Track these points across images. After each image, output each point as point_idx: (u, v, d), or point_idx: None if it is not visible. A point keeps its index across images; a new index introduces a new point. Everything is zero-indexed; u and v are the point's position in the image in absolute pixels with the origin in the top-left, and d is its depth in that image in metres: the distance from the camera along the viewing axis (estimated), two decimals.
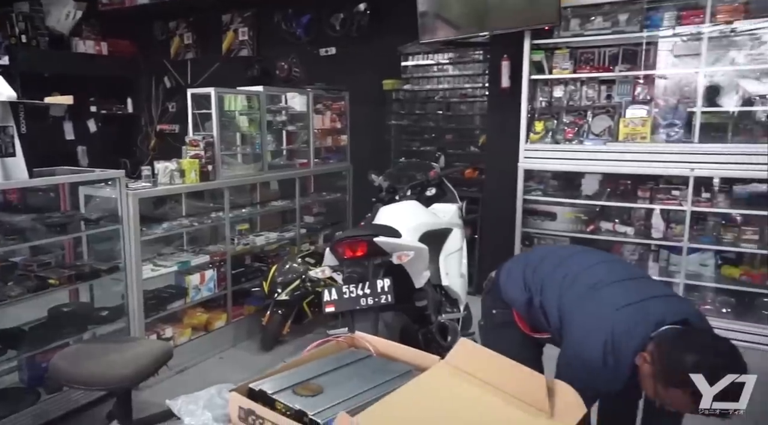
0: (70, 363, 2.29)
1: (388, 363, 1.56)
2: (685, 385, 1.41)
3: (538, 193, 4.03)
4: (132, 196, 2.93)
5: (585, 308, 1.70)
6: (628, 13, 3.54)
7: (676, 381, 1.44)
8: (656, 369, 1.48)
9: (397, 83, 4.92)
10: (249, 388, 1.39)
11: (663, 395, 1.49)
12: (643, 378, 1.54)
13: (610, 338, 1.57)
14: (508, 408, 1.33)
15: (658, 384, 1.49)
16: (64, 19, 5.55)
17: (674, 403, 1.49)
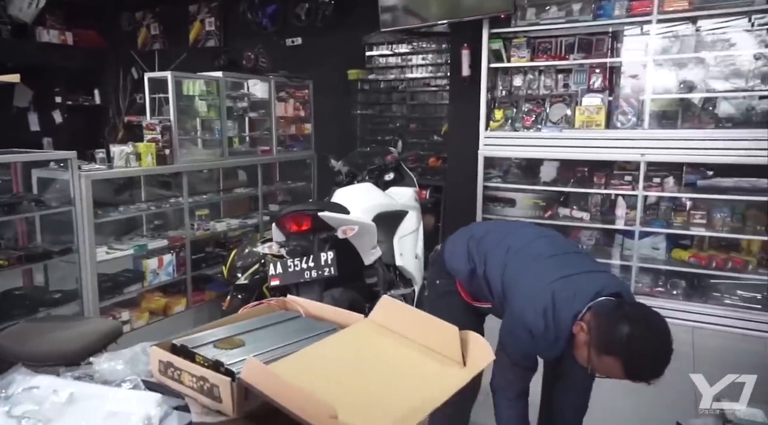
0: (16, 341, 2.29)
1: (315, 322, 1.60)
2: (618, 353, 1.48)
3: (498, 180, 4.08)
4: (84, 177, 2.93)
5: (527, 278, 1.77)
6: (581, 3, 3.62)
7: (610, 350, 1.50)
8: (591, 336, 1.55)
9: (361, 73, 4.97)
10: (171, 344, 1.41)
11: (596, 363, 1.55)
12: (578, 347, 1.60)
13: (551, 305, 1.64)
14: (424, 359, 1.37)
15: (592, 351, 1.55)
16: (27, 8, 5.49)
17: (606, 370, 1.55)
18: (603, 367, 1.55)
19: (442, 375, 1.32)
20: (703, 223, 3.56)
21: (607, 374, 1.57)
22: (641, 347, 1.47)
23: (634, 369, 1.50)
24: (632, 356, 1.48)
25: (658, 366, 1.49)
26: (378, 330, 1.48)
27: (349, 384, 1.26)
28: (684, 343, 3.17)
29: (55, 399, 0.99)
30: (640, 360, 1.49)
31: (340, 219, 2.46)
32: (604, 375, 1.59)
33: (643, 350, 1.48)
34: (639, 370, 1.50)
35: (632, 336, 1.47)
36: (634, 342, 1.47)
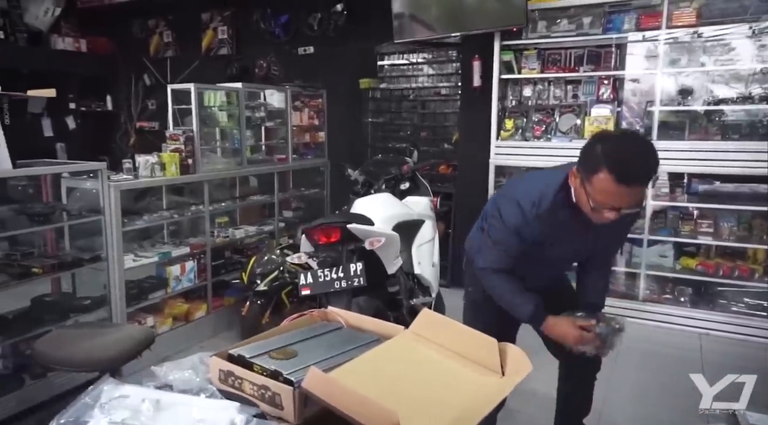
0: (53, 347, 2.36)
1: (357, 333, 1.69)
2: (601, 165, 1.52)
3: None
4: (114, 188, 3.02)
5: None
6: (592, 16, 3.73)
7: (594, 168, 1.54)
8: (580, 170, 1.60)
9: (373, 82, 5.06)
10: (228, 353, 1.50)
11: (593, 192, 1.57)
12: (577, 194, 1.65)
13: (526, 195, 1.76)
14: (464, 369, 1.47)
15: (586, 186, 1.58)
16: (42, 16, 5.58)
17: (603, 195, 1.55)
18: (599, 194, 1.56)
19: (486, 385, 1.42)
20: (710, 232, 3.67)
21: (605, 200, 1.56)
22: (617, 149, 1.54)
23: (621, 172, 1.51)
24: (614, 159, 1.51)
25: (642, 160, 1.54)
26: (420, 341, 1.58)
27: (401, 392, 1.36)
28: (692, 349, 3.29)
29: (146, 406, 1.08)
30: (622, 160, 1.51)
31: (367, 231, 2.56)
32: (605, 205, 1.57)
33: (621, 150, 1.54)
34: (626, 170, 1.51)
35: (606, 146, 1.55)
36: (610, 150, 1.54)
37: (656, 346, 3.37)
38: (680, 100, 3.68)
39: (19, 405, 2.68)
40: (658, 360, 3.20)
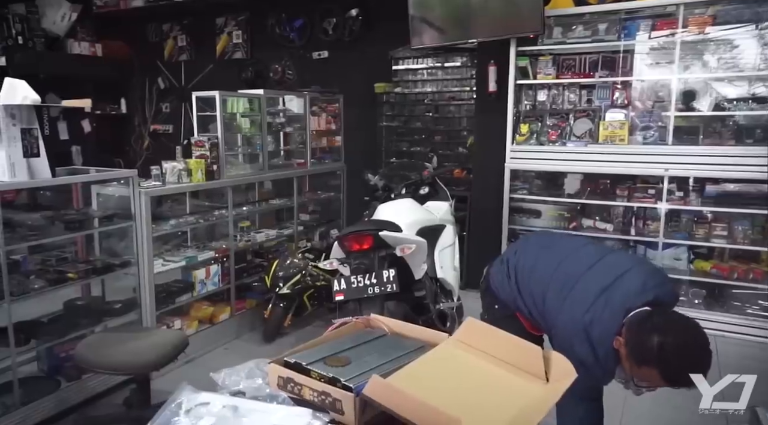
0: (95, 351, 2.44)
1: (402, 340, 1.75)
2: (653, 363, 1.56)
3: (523, 192, 4.26)
4: (144, 194, 3.08)
5: (562, 314, 1.84)
6: (607, 23, 3.80)
7: (645, 360, 1.59)
8: (628, 350, 1.64)
9: (387, 86, 5.13)
10: (284, 360, 1.57)
11: (637, 373, 1.66)
12: (622, 360, 1.70)
13: (591, 335, 1.74)
14: (509, 376, 1.53)
15: (632, 364, 1.64)
16: (60, 21, 5.63)
17: (648, 380, 1.65)
18: (644, 377, 1.63)
19: (534, 391, 1.48)
20: (724, 235, 3.74)
21: (649, 383, 1.66)
22: (673, 354, 1.53)
23: (671, 376, 1.56)
24: (667, 363, 1.54)
25: (695, 369, 1.52)
26: (466, 349, 1.64)
27: (455, 400, 1.42)
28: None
29: (227, 413, 1.15)
30: (675, 366, 1.54)
31: (398, 238, 2.63)
32: (649, 385, 1.68)
33: (676, 356, 1.53)
34: (677, 376, 1.55)
35: (662, 345, 1.53)
36: (665, 349, 1.53)
37: None
38: (694, 105, 3.75)
39: (57, 407, 2.75)
40: None
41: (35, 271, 2.83)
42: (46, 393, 2.73)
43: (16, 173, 2.49)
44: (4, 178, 2.47)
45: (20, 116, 2.50)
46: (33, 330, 2.77)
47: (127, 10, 5.88)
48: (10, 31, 5.19)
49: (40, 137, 2.57)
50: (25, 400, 2.62)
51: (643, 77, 3.93)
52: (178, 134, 6.30)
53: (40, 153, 2.57)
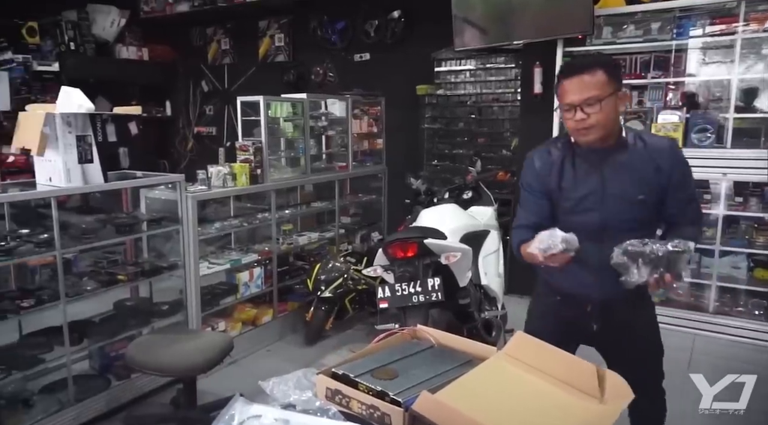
0: (144, 352, 2.49)
1: (450, 352, 1.72)
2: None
3: None
4: (191, 198, 3.13)
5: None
6: (661, 21, 3.65)
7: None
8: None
9: (429, 88, 5.08)
10: (332, 371, 1.56)
11: (560, 106, 1.71)
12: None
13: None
14: (562, 393, 1.47)
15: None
16: (109, 27, 5.81)
17: (560, 97, 1.70)
18: (559, 97, 1.71)
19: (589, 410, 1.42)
20: None
21: (561, 100, 1.70)
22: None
23: (563, 69, 1.76)
24: (563, 64, 1.77)
25: (582, 58, 1.81)
26: (516, 364, 1.58)
27: (508, 417, 1.38)
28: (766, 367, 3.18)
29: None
30: (568, 62, 1.80)
31: (444, 246, 2.59)
32: (563, 106, 1.70)
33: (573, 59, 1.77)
34: (567, 65, 1.81)
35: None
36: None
37: (728, 361, 3.28)
38: (756, 105, 3.56)
39: (108, 404, 2.82)
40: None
41: (88, 273, 2.92)
42: (98, 391, 2.81)
43: (72, 178, 2.56)
44: (61, 183, 2.55)
45: (75, 123, 2.57)
46: (85, 329, 2.85)
47: (173, 15, 6.01)
48: (63, 38, 5.38)
49: (93, 143, 2.64)
50: (78, 397, 2.70)
51: (700, 77, 3.75)
52: (221, 136, 6.41)
53: (93, 159, 2.64)
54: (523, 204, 1.85)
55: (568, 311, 1.89)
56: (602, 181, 1.70)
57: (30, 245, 2.52)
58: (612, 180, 1.69)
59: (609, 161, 1.69)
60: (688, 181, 1.77)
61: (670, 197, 1.72)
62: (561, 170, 1.74)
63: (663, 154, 1.70)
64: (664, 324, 3.77)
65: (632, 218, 1.71)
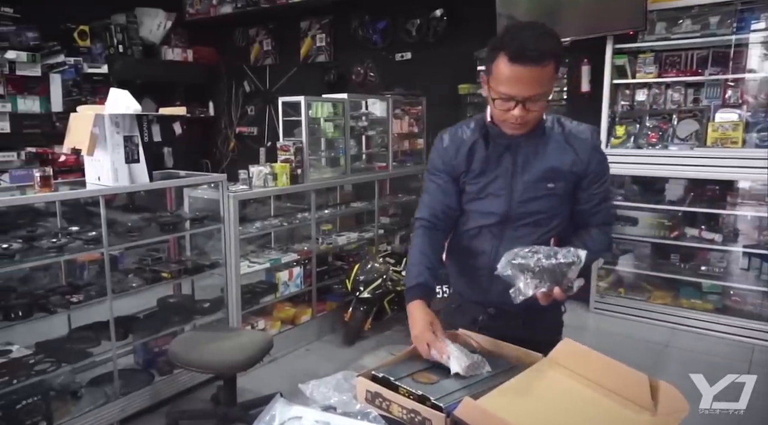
0: (186, 349, 2.53)
1: (493, 358, 1.66)
2: (499, 49, 1.37)
3: (618, 197, 4.00)
4: (232, 197, 3.16)
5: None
6: (720, 15, 3.47)
7: (494, 54, 1.39)
8: (486, 70, 1.46)
9: (472, 87, 4.98)
10: (372, 374, 1.52)
11: (494, 88, 1.42)
12: (489, 102, 1.49)
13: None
14: (611, 404, 1.39)
15: (490, 80, 1.43)
16: (156, 29, 5.96)
17: (501, 83, 1.39)
18: (499, 83, 1.39)
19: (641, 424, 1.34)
20: None
21: (504, 89, 1.39)
22: (514, 32, 1.39)
23: (514, 50, 1.35)
24: (509, 40, 1.37)
25: (536, 39, 1.35)
26: (562, 372, 1.51)
27: None
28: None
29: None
30: (516, 39, 1.36)
31: None
32: (505, 95, 1.39)
33: (517, 32, 1.38)
34: (519, 47, 1.35)
35: (504, 32, 1.41)
36: (507, 33, 1.39)
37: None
38: None
39: (152, 398, 2.88)
40: None
41: (133, 270, 2.98)
42: (142, 385, 2.87)
43: (119, 177, 2.62)
44: (109, 182, 2.61)
45: (123, 124, 2.63)
46: (130, 325, 2.91)
47: (217, 16, 6.11)
48: (112, 40, 5.55)
49: (140, 143, 2.69)
50: (123, 391, 2.76)
51: (762, 73, 3.55)
52: (262, 136, 6.49)
53: (140, 159, 2.69)
54: (428, 190, 1.65)
55: (459, 319, 1.74)
56: (513, 165, 1.54)
57: (79, 242, 2.59)
58: (524, 165, 1.54)
59: (524, 145, 1.53)
60: (605, 175, 1.60)
61: (584, 191, 1.57)
62: (472, 150, 1.57)
63: (583, 142, 1.54)
64: (720, 333, 3.62)
65: (537, 210, 1.55)
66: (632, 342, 3.70)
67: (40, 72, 4.73)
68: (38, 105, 4.77)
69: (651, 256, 4.05)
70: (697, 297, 3.82)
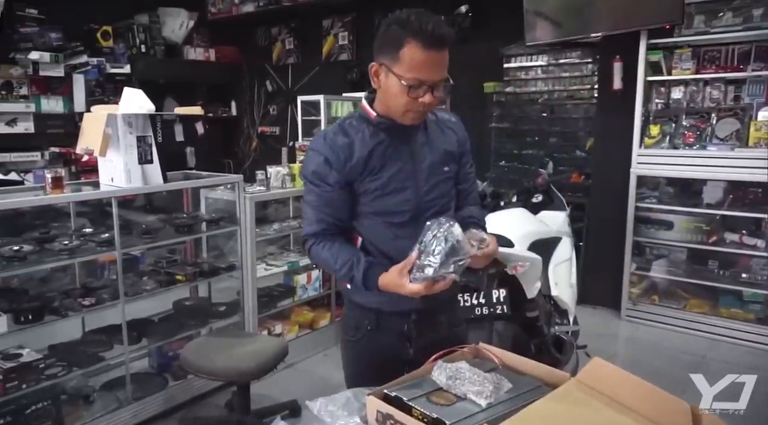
0: (198, 355, 2.46)
1: (517, 376, 1.54)
2: (407, 36, 1.34)
3: (652, 200, 3.81)
4: (249, 199, 3.09)
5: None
6: (764, 7, 3.25)
7: (398, 42, 1.36)
8: (382, 60, 1.42)
9: (497, 86, 4.84)
10: (384, 393, 1.42)
11: (404, 76, 1.37)
12: (384, 92, 1.44)
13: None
14: None
15: (394, 69, 1.38)
16: (178, 29, 5.95)
17: (413, 69, 1.36)
18: (410, 70, 1.36)
19: None
20: None
21: (418, 75, 1.36)
22: (417, 20, 1.35)
23: (428, 36, 1.34)
24: (417, 28, 1.34)
25: (442, 24, 1.37)
26: (592, 394, 1.38)
27: None
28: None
29: None
30: (426, 26, 1.34)
31: (512, 256, 2.39)
32: (419, 81, 1.37)
33: (421, 20, 1.35)
34: (432, 33, 1.34)
35: (404, 22, 1.36)
36: (410, 23, 1.35)
37: None
38: None
39: (165, 404, 2.82)
40: None
41: (148, 272, 2.93)
42: (155, 390, 2.81)
43: (132, 179, 2.56)
44: (121, 183, 2.55)
45: (136, 124, 2.57)
46: (144, 328, 2.86)
47: (239, 15, 6.08)
48: (134, 41, 5.55)
49: (153, 144, 2.63)
50: (136, 396, 2.71)
51: None
52: (285, 136, 6.43)
53: (153, 160, 2.63)
54: (310, 204, 1.53)
55: (384, 338, 1.61)
56: (411, 155, 1.51)
57: (92, 244, 2.55)
58: (421, 153, 1.52)
59: (414, 134, 1.51)
60: (470, 153, 1.68)
61: (462, 170, 1.63)
62: (366, 148, 1.47)
63: (456, 124, 1.62)
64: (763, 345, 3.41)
65: (441, 195, 1.55)
66: (666, 352, 3.51)
67: (63, 72, 4.74)
68: (62, 105, 4.79)
69: (687, 262, 3.85)
70: (738, 306, 3.61)
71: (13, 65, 4.50)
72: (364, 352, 1.68)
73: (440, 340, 1.56)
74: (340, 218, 1.52)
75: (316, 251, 1.53)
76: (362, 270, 1.45)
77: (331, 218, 1.51)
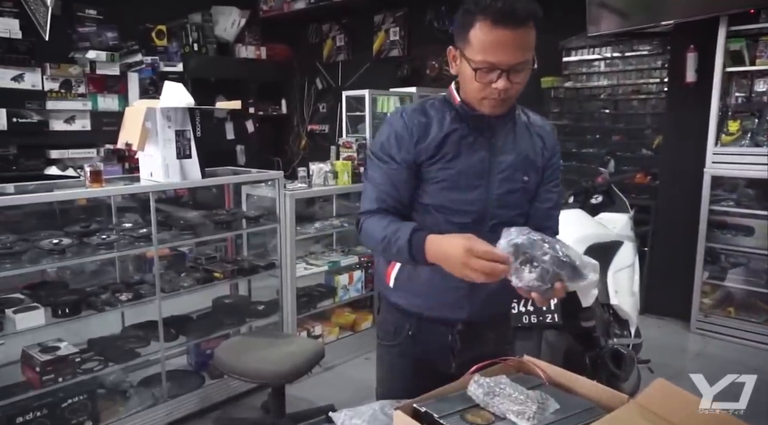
0: (232, 355, 2.39)
1: (565, 395, 1.35)
2: (475, 16, 1.23)
3: (728, 203, 3.47)
4: (289, 196, 3.01)
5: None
6: None
7: (469, 23, 1.25)
8: (457, 44, 1.30)
9: (556, 81, 4.57)
10: (413, 407, 1.27)
11: (473, 59, 1.25)
12: (461, 77, 1.33)
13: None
14: None
15: (465, 52, 1.27)
16: (230, 27, 6.00)
17: (483, 51, 1.24)
18: (479, 52, 1.24)
19: None
20: None
21: (487, 57, 1.24)
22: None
23: (496, 12, 1.23)
24: (486, 5, 1.23)
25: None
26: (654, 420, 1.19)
27: None
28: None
29: None
30: (494, 2, 1.23)
31: None
32: (489, 65, 1.25)
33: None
34: (501, 8, 1.23)
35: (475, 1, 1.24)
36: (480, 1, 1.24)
37: None
38: None
39: (201, 402, 2.77)
40: None
41: (186, 269, 2.89)
42: (191, 389, 2.77)
43: (170, 174, 2.52)
44: (160, 178, 2.52)
45: (175, 118, 2.52)
46: (182, 325, 2.82)
47: (290, 12, 6.05)
48: (187, 39, 5.63)
49: (192, 138, 2.57)
50: (172, 393, 2.67)
51: None
52: (334, 134, 6.36)
53: (191, 154, 2.58)
54: (372, 180, 1.39)
55: (424, 347, 1.49)
56: (489, 152, 1.36)
57: (131, 238, 2.52)
58: (501, 155, 1.37)
59: (499, 131, 1.36)
60: (559, 171, 1.48)
61: (544, 187, 1.44)
62: (442, 132, 1.34)
63: (548, 133, 1.44)
64: None
65: (513, 206, 1.40)
66: (742, 370, 3.15)
67: (119, 71, 4.85)
68: (117, 103, 4.90)
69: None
70: None
71: (72, 64, 4.64)
72: (399, 360, 1.55)
73: (488, 356, 1.39)
74: (401, 201, 1.38)
75: (367, 224, 1.38)
76: (410, 230, 1.29)
77: (392, 199, 1.37)
